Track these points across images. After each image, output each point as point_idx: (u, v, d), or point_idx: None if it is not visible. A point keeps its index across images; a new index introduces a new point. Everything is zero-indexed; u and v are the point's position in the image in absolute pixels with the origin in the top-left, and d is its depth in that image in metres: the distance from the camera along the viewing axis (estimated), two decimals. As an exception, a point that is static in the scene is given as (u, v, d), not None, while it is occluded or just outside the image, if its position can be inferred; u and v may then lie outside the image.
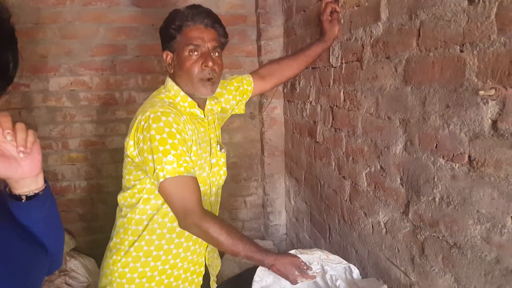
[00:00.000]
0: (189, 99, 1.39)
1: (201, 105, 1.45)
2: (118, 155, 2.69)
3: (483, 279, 0.95)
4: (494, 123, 0.88)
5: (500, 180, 0.87)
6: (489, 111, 0.89)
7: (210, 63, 1.34)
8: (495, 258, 0.91)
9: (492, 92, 0.80)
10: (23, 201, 0.81)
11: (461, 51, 0.97)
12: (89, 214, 2.74)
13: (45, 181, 0.84)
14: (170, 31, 1.36)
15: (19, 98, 2.52)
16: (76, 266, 2.52)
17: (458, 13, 0.96)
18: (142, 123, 1.25)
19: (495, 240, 0.90)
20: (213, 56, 1.37)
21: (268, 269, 1.35)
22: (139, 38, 2.59)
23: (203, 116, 1.43)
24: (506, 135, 0.85)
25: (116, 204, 1.48)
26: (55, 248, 0.92)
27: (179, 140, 1.24)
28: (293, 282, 1.33)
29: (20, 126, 0.77)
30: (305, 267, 1.34)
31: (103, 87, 2.63)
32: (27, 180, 0.79)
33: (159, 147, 1.21)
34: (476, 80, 0.93)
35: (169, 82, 1.42)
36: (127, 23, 2.57)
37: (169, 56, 1.40)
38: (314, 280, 1.48)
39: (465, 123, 0.97)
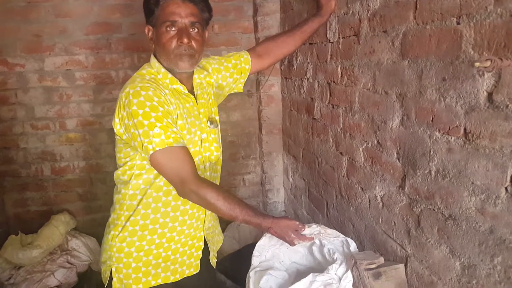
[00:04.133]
0: (170, 75, 1.37)
1: (184, 80, 1.42)
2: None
3: (477, 249, 0.97)
4: (490, 95, 0.88)
5: (495, 151, 0.88)
6: (485, 83, 0.89)
7: (186, 40, 1.30)
8: (489, 229, 0.92)
9: (488, 63, 0.79)
10: None
11: (458, 23, 0.96)
12: (88, 193, 2.77)
13: None
14: (149, 6, 1.34)
15: (14, 78, 2.51)
16: (77, 245, 2.56)
17: (456, -16, 0.95)
18: (123, 99, 1.26)
19: (489, 211, 0.92)
20: (192, 31, 1.33)
21: (266, 231, 1.40)
22: (134, 16, 2.55)
23: (187, 92, 1.41)
24: (501, 107, 0.85)
25: (115, 183, 1.50)
26: None
27: (163, 113, 1.24)
28: (291, 243, 1.38)
29: None
30: (302, 229, 1.39)
31: (99, 66, 2.61)
32: None
33: (144, 121, 1.21)
34: (472, 52, 0.92)
35: (152, 58, 1.41)
36: (121, 1, 2.54)
37: (150, 31, 1.39)
38: (312, 253, 1.52)
39: (461, 96, 0.97)
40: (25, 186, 2.68)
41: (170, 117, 1.27)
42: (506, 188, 0.86)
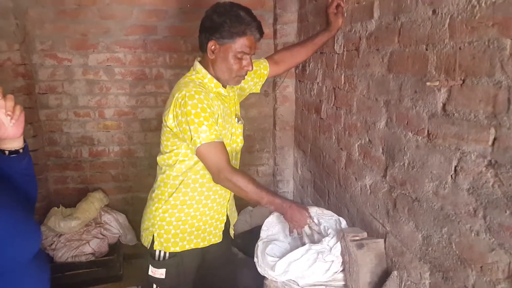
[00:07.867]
0: (215, 80, 1.69)
1: (224, 84, 1.76)
2: (146, 125, 3.05)
3: (432, 223, 1.26)
4: (444, 105, 1.17)
5: (445, 148, 1.17)
6: (441, 97, 1.18)
7: (251, 68, 1.66)
8: (440, 207, 1.21)
9: (437, 83, 1.08)
10: (6, 154, 1.12)
11: (426, 49, 1.25)
12: (120, 175, 3.12)
13: (24, 141, 1.17)
14: (232, 31, 1.57)
15: (62, 71, 2.88)
16: (109, 220, 2.92)
17: (425, 20, 1.24)
18: (180, 100, 1.56)
19: (440, 193, 1.21)
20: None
21: (284, 212, 1.66)
22: (168, 20, 2.89)
23: (226, 94, 1.74)
24: (450, 115, 1.14)
25: (144, 167, 1.81)
26: (33, 191, 1.29)
27: (209, 113, 1.56)
28: (291, 230, 1.72)
29: (9, 96, 1.05)
30: (311, 224, 1.69)
31: (135, 63, 2.96)
32: (10, 140, 1.11)
33: (195, 119, 1.52)
34: (434, 73, 1.21)
35: (198, 65, 1.71)
36: (158, 6, 2.87)
37: (214, 46, 1.61)
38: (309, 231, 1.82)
39: (426, 105, 1.26)
40: (66, 166, 3.05)
41: (214, 117, 1.59)
42: (451, 176, 1.16)
